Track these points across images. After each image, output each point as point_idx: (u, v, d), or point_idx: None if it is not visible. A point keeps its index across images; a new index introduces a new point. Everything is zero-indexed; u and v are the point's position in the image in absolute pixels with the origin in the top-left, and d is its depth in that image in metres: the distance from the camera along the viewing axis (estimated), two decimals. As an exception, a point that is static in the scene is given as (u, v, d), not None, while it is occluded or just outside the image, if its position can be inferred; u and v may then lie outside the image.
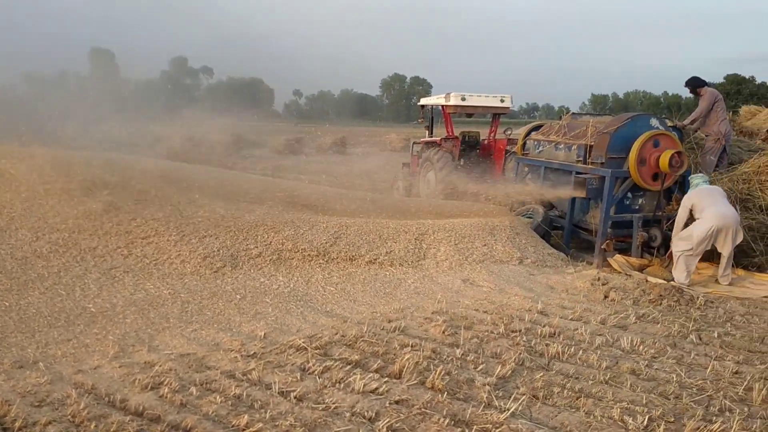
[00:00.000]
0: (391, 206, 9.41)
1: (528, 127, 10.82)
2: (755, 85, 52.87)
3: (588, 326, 5.80)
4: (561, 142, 9.34)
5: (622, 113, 9.40)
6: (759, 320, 6.23)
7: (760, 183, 8.84)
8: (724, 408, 4.21)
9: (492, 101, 13.07)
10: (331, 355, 4.88)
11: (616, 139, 8.32)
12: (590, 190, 8.46)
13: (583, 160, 8.79)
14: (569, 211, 9.09)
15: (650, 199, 8.62)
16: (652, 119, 8.64)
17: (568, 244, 9.11)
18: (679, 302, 6.58)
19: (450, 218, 8.72)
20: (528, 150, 10.24)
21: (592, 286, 7.08)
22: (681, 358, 5.12)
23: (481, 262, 7.72)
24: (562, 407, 4.15)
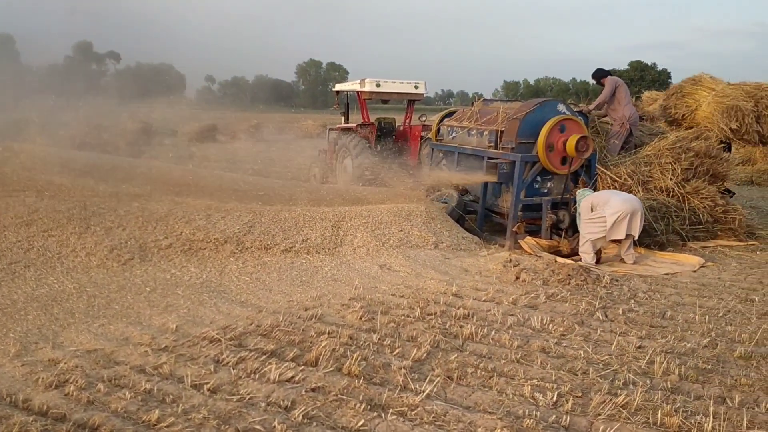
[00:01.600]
0: (308, 193, 9.34)
1: (442, 114, 10.95)
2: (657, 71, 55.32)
3: (500, 307, 5.95)
4: (473, 128, 9.50)
5: (532, 99, 9.64)
6: (660, 296, 6.54)
7: (660, 165, 9.26)
8: (628, 381, 4.41)
9: (406, 87, 13.14)
10: (246, 346, 4.81)
11: (525, 125, 8.54)
12: (501, 175, 8.65)
13: (495, 145, 8.98)
14: (482, 196, 9.27)
15: (558, 183, 8.89)
16: (559, 105, 8.90)
17: (481, 227, 9.30)
18: (586, 281, 6.83)
19: (367, 205, 8.73)
20: (442, 136, 10.37)
21: (504, 267, 7.25)
22: (588, 335, 5.32)
23: (398, 248, 7.78)
24: (475, 387, 4.25)
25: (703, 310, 6.03)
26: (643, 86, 41.64)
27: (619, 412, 3.90)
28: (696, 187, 9.24)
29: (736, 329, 5.51)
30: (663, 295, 6.60)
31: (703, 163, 9.52)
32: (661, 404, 3.99)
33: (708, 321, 5.72)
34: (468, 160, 9.54)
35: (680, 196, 9.06)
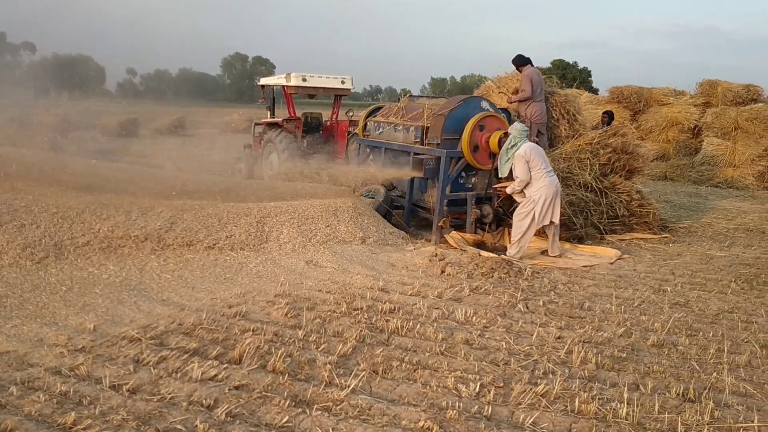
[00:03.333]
0: (232, 189, 9.18)
1: (369, 109, 10.97)
2: (578, 69, 56.91)
3: (426, 301, 6.01)
4: (400, 124, 9.56)
5: (457, 95, 9.76)
6: (579, 288, 6.75)
7: (579, 161, 9.53)
8: (547, 371, 4.53)
9: (333, 82, 13.10)
10: (168, 345, 4.70)
11: (450, 121, 8.64)
12: (427, 170, 8.74)
13: (421, 141, 9.06)
14: (409, 191, 9.34)
15: (482, 178, 9.04)
16: (482, 101, 9.05)
17: (408, 222, 9.37)
18: (508, 274, 6.98)
19: (293, 200, 8.66)
20: (369, 131, 10.38)
21: (430, 262, 7.34)
22: (510, 326, 5.44)
23: (325, 243, 7.75)
24: (400, 380, 4.28)
25: (619, 301, 6.26)
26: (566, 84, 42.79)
27: (539, 400, 4.00)
28: (613, 182, 9.57)
29: (649, 319, 5.74)
30: (581, 286, 6.82)
31: (619, 159, 9.86)
32: (578, 392, 4.12)
33: (623, 311, 5.95)
34: (395, 155, 9.59)
35: (598, 191, 9.36)
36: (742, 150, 16.83)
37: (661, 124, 18.78)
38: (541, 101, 10.00)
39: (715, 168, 17.08)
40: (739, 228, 10.71)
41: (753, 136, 16.81)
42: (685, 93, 19.56)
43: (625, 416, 3.83)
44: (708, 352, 4.96)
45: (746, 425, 3.77)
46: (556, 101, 10.55)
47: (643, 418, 3.84)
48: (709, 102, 18.66)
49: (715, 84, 18.81)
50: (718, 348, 5.02)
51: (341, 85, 13.23)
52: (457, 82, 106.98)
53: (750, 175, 16.49)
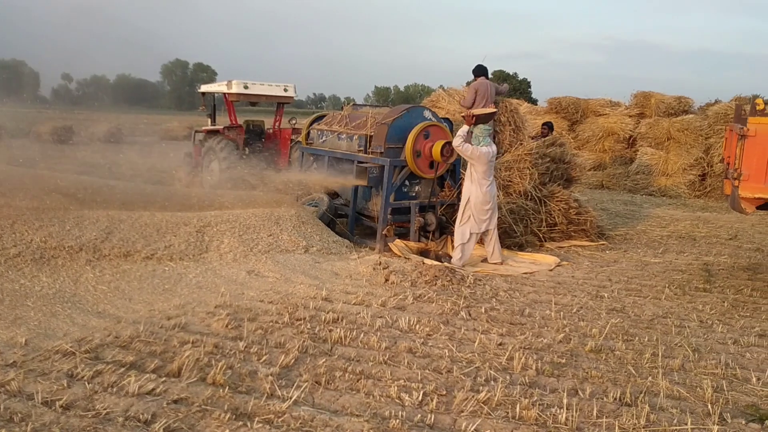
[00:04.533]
0: (171, 198, 9.00)
1: (312, 117, 10.93)
2: (518, 80, 57.98)
3: (369, 309, 6.00)
4: (343, 132, 9.55)
5: (400, 105, 9.82)
6: (520, 295, 6.85)
7: (519, 171, 9.70)
8: (489, 377, 4.58)
9: (276, 90, 13.01)
10: (103, 359, 4.56)
11: (394, 130, 8.68)
12: (371, 179, 8.75)
13: (364, 149, 9.07)
14: (353, 199, 9.34)
15: (426, 187, 9.11)
16: (425, 111, 9.13)
17: (352, 231, 9.36)
18: (451, 282, 7.04)
19: (234, 209, 8.55)
20: (312, 140, 10.35)
21: (374, 270, 7.34)
22: (453, 334, 5.48)
23: (267, 253, 7.67)
24: (343, 390, 4.25)
25: (558, 307, 6.37)
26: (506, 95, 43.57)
27: (480, 408, 4.04)
28: (552, 190, 9.77)
29: (587, 324, 5.86)
30: (522, 293, 6.92)
31: (558, 168, 10.09)
32: (519, 398, 4.17)
33: (562, 317, 6.06)
34: (338, 164, 9.58)
35: (537, 200, 9.54)
36: (674, 159, 17.40)
37: (597, 134, 19.27)
38: None
39: (649, 177, 17.60)
40: (672, 235, 11.06)
41: (684, 146, 17.39)
42: (620, 104, 20.13)
43: (564, 421, 3.89)
44: (643, 356, 5.09)
45: (680, 428, 3.87)
46: (506, 108, 10.72)
47: (582, 423, 3.91)
48: (643, 113, 19.25)
49: (649, 95, 19.41)
50: (653, 352, 5.16)
51: (284, 93, 13.15)
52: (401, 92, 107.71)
53: (682, 183, 17.06)
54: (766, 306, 6.73)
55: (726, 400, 4.34)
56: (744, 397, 4.41)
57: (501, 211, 8.94)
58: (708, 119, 17.36)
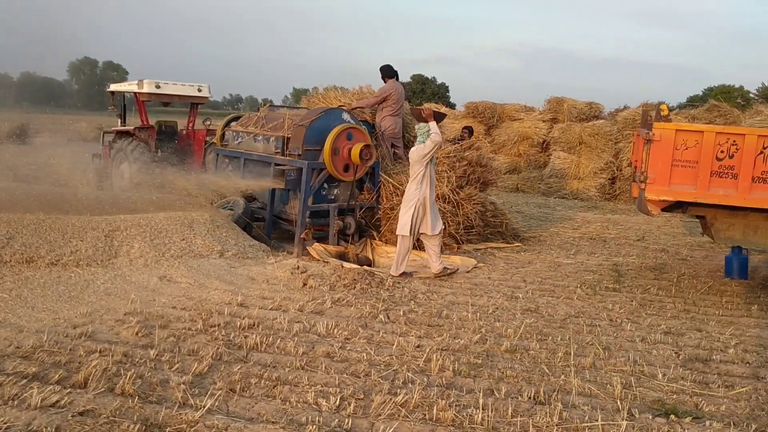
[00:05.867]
0: (78, 201, 8.60)
1: (227, 118, 10.72)
2: (437, 85, 58.77)
3: (287, 314, 5.90)
4: (259, 134, 9.40)
5: (318, 106, 9.74)
6: (438, 297, 6.89)
7: (437, 173, 9.78)
8: (407, 380, 4.56)
9: (189, 90, 12.69)
10: (3, 370, 4.29)
11: (312, 132, 8.60)
12: (289, 182, 8.64)
13: (281, 151, 8.95)
14: (270, 202, 9.19)
15: (344, 190, 9.06)
16: (344, 113, 9.08)
17: (269, 234, 9.21)
18: (370, 285, 7.02)
19: (145, 213, 8.25)
20: (227, 141, 10.14)
21: (292, 274, 7.24)
22: (371, 337, 5.45)
23: (180, 258, 7.44)
24: (259, 397, 4.15)
25: (474, 308, 6.45)
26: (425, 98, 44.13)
27: (398, 410, 4.01)
28: (469, 194, 9.89)
29: (503, 325, 5.95)
30: (440, 295, 6.97)
31: (474, 172, 10.22)
32: (436, 400, 4.18)
33: (479, 318, 6.13)
34: (255, 166, 9.41)
35: (455, 203, 9.65)
36: (586, 163, 18.01)
37: (513, 138, 19.75)
38: (397, 116, 10.06)
39: (562, 180, 18.17)
40: (584, 237, 11.42)
41: (595, 151, 18.04)
42: (535, 109, 20.70)
43: (480, 421, 3.92)
44: (557, 355, 5.20)
45: (591, 425, 3.97)
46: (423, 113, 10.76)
47: (497, 423, 3.95)
48: (556, 118, 19.86)
49: (562, 101, 20.04)
50: (566, 351, 5.28)
51: (198, 93, 12.85)
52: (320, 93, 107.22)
53: (593, 187, 17.68)
54: (671, 304, 7.02)
55: (634, 396, 4.48)
56: (651, 393, 4.56)
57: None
58: (617, 124, 18.07)
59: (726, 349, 5.60)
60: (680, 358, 5.32)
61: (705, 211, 6.87)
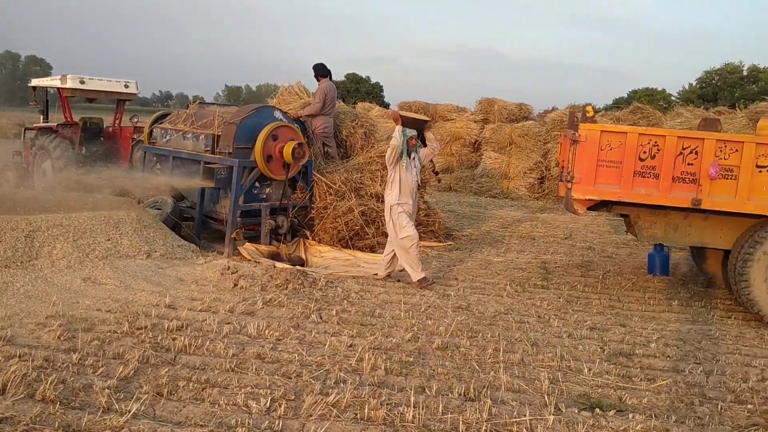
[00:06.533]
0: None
1: (155, 116, 10.45)
2: (371, 84, 58.77)
3: (216, 316, 5.80)
4: (189, 132, 9.21)
5: (250, 104, 9.61)
6: (371, 296, 6.90)
7: (371, 173, 9.79)
8: (339, 380, 4.55)
9: (115, 86, 12.32)
10: None
11: (243, 130, 8.48)
12: (219, 180, 8.49)
13: (211, 149, 8.79)
14: (199, 202, 9.01)
15: (276, 189, 8.97)
16: (276, 111, 8.99)
17: (199, 234, 9.03)
18: (303, 285, 6.96)
19: (69, 212, 7.95)
20: (155, 139, 9.89)
21: (222, 275, 7.11)
22: (303, 337, 5.41)
23: (105, 258, 7.21)
24: (187, 401, 4.06)
25: (407, 307, 6.49)
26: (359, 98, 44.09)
27: (330, 411, 3.99)
28: (402, 192, 9.93)
29: (435, 323, 6.01)
30: (373, 294, 6.98)
31: (408, 171, 10.28)
32: (368, 399, 4.18)
33: (411, 316, 6.17)
34: (184, 164, 9.22)
35: (388, 202, 9.67)
36: (515, 163, 18.36)
37: (445, 138, 19.94)
38: (329, 115, 10.04)
39: (493, 180, 18.46)
40: (514, 235, 11.65)
41: (525, 151, 18.41)
42: (467, 110, 20.97)
43: (411, 419, 3.94)
44: (486, 352, 5.28)
45: (519, 420, 4.04)
46: (355, 113, 10.79)
47: (428, 420, 3.98)
48: (488, 118, 20.17)
49: (492, 102, 20.37)
50: (495, 348, 5.37)
51: (124, 89, 12.48)
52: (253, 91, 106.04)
53: (523, 186, 18.04)
54: (597, 301, 7.24)
55: (561, 391, 4.59)
56: (577, 387, 4.69)
57: (353, 213, 8.99)
58: (546, 125, 18.49)
59: (648, 343, 5.81)
60: (605, 352, 5.49)
61: (629, 210, 7.10)
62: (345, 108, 12.02)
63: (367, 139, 10.86)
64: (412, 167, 7.58)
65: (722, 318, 6.87)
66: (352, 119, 10.88)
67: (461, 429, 3.88)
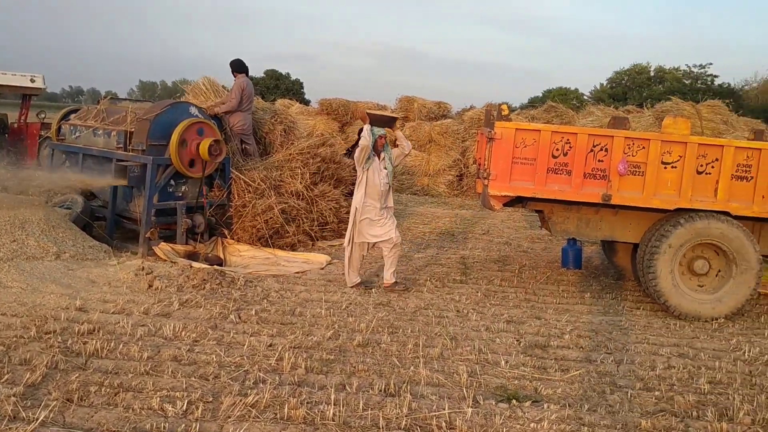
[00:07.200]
0: None
1: (63, 111, 10.03)
2: (291, 80, 58.14)
3: (130, 318, 5.63)
4: (100, 128, 8.88)
5: (164, 100, 9.35)
6: (291, 295, 6.84)
7: (291, 170, 9.70)
8: (258, 380, 4.49)
9: (20, 80, 11.74)
10: None
11: (157, 126, 8.24)
12: (132, 178, 8.22)
13: (124, 146, 8.51)
14: (111, 201, 8.71)
15: (193, 186, 8.76)
16: (191, 107, 8.78)
17: (111, 234, 8.72)
18: (221, 285, 6.85)
19: (-31, 212, 7.53)
20: (64, 135, 9.49)
21: (137, 276, 6.91)
22: (221, 338, 5.31)
23: (10, 260, 6.86)
24: (99, 406, 3.92)
25: (328, 305, 6.47)
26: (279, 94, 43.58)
27: (248, 411, 3.94)
28: (323, 190, 9.92)
29: (356, 320, 6.01)
30: (294, 293, 6.92)
31: (328, 168, 10.27)
32: (288, 398, 4.15)
33: (332, 314, 6.15)
34: (95, 162, 8.89)
35: (309, 199, 9.63)
36: (435, 161, 18.59)
37: (366, 136, 19.98)
38: (247, 112, 9.93)
39: (413, 177, 18.63)
40: (434, 231, 11.79)
41: (444, 149, 18.66)
42: (387, 107, 21.07)
43: (332, 417, 3.93)
44: (407, 347, 5.33)
45: (438, 413, 4.10)
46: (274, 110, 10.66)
47: (349, 417, 3.98)
48: (408, 116, 20.33)
49: (412, 100, 20.54)
50: (415, 343, 5.43)
51: (30, 84, 11.91)
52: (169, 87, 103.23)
53: (442, 183, 18.28)
54: (513, 294, 7.42)
55: (479, 384, 4.68)
56: (494, 380, 4.79)
57: (273, 211, 8.88)
58: (464, 123, 18.81)
59: (562, 335, 6.00)
60: (521, 345, 5.63)
61: (543, 206, 7.30)
62: (264, 105, 11.89)
63: (287, 136, 10.78)
64: (381, 168, 7.19)
65: (632, 309, 7.16)
66: (271, 116, 10.77)
67: (381, 425, 3.90)
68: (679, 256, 6.80)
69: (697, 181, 6.68)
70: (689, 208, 6.72)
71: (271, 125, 10.57)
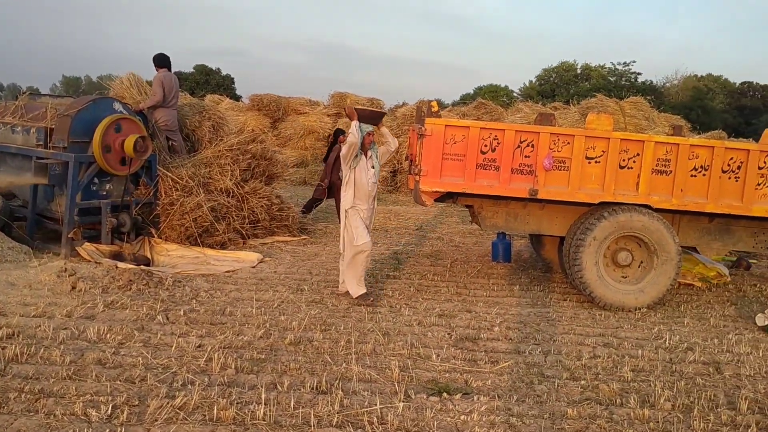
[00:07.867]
0: None
1: (-21, 108, 9.57)
2: (221, 76, 57.21)
3: (52, 321, 5.44)
4: (18, 125, 8.53)
5: (86, 95, 9.05)
6: (221, 294, 6.74)
7: (220, 167, 9.53)
8: (186, 381, 4.40)
9: (-69, 75, 11.16)
10: None
11: (78, 123, 7.97)
12: (53, 177, 7.92)
13: (44, 144, 8.19)
14: (32, 200, 8.37)
15: (118, 185, 8.51)
16: (115, 103, 8.51)
17: (32, 235, 8.38)
18: (148, 285, 6.68)
19: None
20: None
21: (59, 278, 6.67)
22: (148, 340, 5.18)
23: None
24: (18, 413, 3.78)
25: (259, 303, 6.40)
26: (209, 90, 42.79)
27: (176, 414, 3.86)
28: (254, 187, 9.78)
29: (288, 318, 5.97)
30: (224, 292, 6.81)
31: (259, 165, 10.13)
32: (217, 399, 4.08)
33: (264, 313, 6.09)
34: (13, 159, 8.54)
35: (240, 197, 9.49)
36: (369, 156, 18.63)
37: (299, 132, 19.86)
38: (172, 108, 9.72)
39: (346, 173, 18.62)
40: (367, 227, 11.79)
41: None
42: (319, 103, 21.03)
43: (262, 417, 3.89)
44: (339, 344, 5.32)
45: (370, 409, 4.10)
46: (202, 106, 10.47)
47: (280, 416, 3.95)
48: (340, 112, 20.32)
49: (345, 96, 20.56)
50: (348, 340, 5.43)
51: None
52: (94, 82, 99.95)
53: (376, 179, 18.35)
54: (445, 288, 7.50)
55: (411, 378, 4.71)
56: (426, 374, 4.83)
57: (202, 209, 8.71)
58: (397, 120, 18.90)
59: (492, 327, 6.10)
60: (452, 338, 5.70)
61: (472, 201, 7.40)
62: (191, 100, 11.67)
63: (216, 132, 10.58)
64: (369, 167, 6.92)
65: (559, 300, 7.35)
66: (198, 111, 10.55)
67: (312, 422, 3.88)
68: (603, 248, 7.01)
69: (620, 176, 6.89)
70: (612, 201, 6.93)
71: (198, 121, 10.35)
